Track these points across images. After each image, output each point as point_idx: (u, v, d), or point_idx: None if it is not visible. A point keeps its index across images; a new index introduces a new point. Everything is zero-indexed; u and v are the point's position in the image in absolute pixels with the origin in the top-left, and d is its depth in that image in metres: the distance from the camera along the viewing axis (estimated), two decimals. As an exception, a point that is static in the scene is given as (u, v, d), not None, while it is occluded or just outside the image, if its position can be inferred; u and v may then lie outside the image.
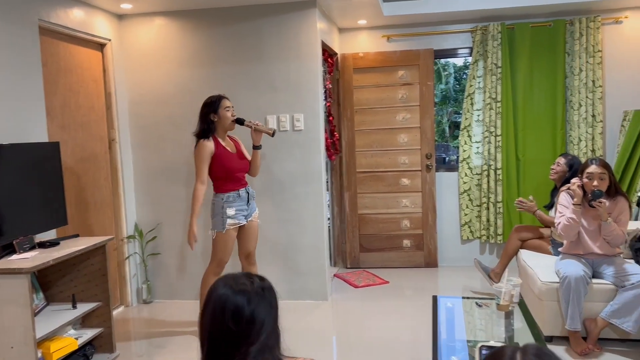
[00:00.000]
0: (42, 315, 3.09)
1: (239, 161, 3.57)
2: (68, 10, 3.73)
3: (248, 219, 3.63)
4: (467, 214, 5.15)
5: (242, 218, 3.58)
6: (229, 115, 3.53)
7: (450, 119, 20.30)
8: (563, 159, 4.05)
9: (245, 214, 3.61)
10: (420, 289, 4.66)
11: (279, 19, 4.22)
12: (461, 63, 21.80)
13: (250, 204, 3.63)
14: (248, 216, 3.63)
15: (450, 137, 20.36)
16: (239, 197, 3.55)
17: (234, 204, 3.53)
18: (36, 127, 3.39)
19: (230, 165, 3.51)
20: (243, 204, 3.58)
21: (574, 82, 4.85)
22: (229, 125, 3.55)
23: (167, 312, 4.27)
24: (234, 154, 3.57)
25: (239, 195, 3.55)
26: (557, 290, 3.28)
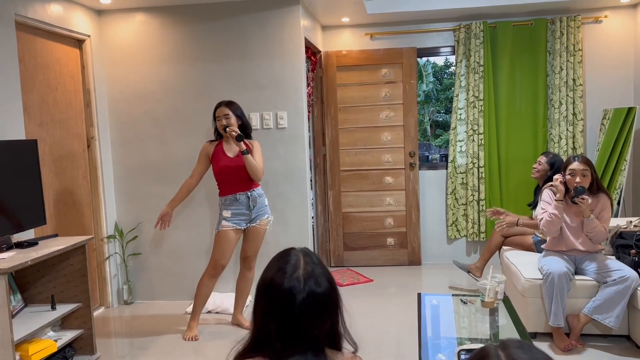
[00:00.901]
0: (20, 317, 3.01)
1: (236, 165, 3.52)
2: (46, 5, 3.65)
3: (251, 224, 3.61)
4: (454, 213, 5.16)
5: (240, 222, 3.58)
6: (219, 125, 3.56)
7: (431, 118, 20.40)
8: (544, 158, 4.08)
9: (246, 218, 3.59)
10: (404, 286, 4.67)
11: (262, 16, 4.18)
12: (441, 63, 21.91)
13: (253, 209, 3.59)
14: (252, 221, 3.61)
15: (432, 136, 20.47)
16: (237, 201, 3.55)
17: (230, 207, 3.56)
18: (13, 124, 3.30)
19: (221, 169, 3.53)
20: (242, 208, 3.56)
21: (555, 81, 4.90)
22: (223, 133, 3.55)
23: (149, 313, 4.20)
24: (232, 158, 3.54)
25: (237, 199, 3.55)
26: (541, 287, 3.30)
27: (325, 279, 1.25)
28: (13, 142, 3.07)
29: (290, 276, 1.22)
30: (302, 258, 1.28)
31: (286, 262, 1.26)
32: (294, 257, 1.27)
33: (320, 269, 1.27)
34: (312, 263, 1.27)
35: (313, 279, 1.22)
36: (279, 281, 1.22)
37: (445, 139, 18.97)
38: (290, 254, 1.30)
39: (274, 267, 1.27)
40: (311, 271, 1.24)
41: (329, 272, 1.29)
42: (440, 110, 19.98)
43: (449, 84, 20.42)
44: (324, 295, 1.23)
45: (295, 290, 1.20)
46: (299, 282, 1.21)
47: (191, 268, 4.39)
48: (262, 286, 1.26)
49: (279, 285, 1.21)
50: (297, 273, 1.22)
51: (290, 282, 1.21)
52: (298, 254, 1.29)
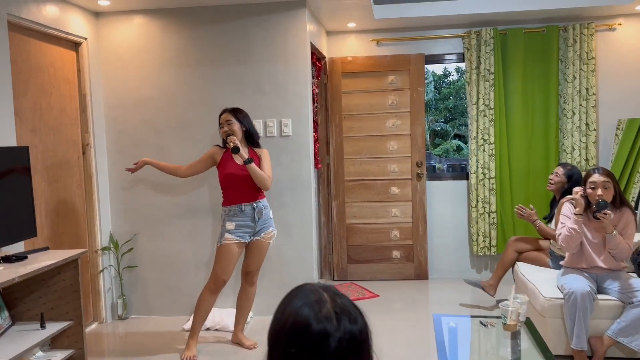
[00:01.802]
0: (7, 336, 2.81)
1: (242, 174, 3.35)
2: (40, 6, 3.47)
3: (255, 238, 3.43)
4: (472, 226, 4.95)
5: (244, 235, 3.40)
6: (221, 132, 3.44)
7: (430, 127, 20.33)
8: (562, 169, 3.91)
9: (250, 231, 3.41)
10: (411, 302, 4.47)
11: (267, 19, 4.01)
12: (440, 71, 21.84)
13: (258, 221, 3.41)
14: (256, 234, 3.43)
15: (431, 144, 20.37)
16: (241, 212, 3.38)
17: (234, 219, 3.38)
18: (3, 130, 3.11)
19: (227, 176, 3.37)
20: (247, 220, 3.39)
21: (568, 90, 4.74)
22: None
23: (145, 329, 3.99)
24: (240, 166, 3.37)
25: (242, 210, 3.38)
26: (561, 307, 3.11)
27: (358, 312, 1.04)
28: (3, 149, 2.88)
29: (318, 314, 0.99)
30: (323, 291, 1.06)
31: (306, 296, 1.04)
32: (313, 291, 1.05)
33: (349, 300, 1.07)
34: (337, 295, 1.07)
35: (346, 316, 1.00)
36: (304, 322, 0.98)
37: (445, 148, 18.86)
38: (305, 287, 1.08)
39: (292, 305, 1.03)
40: (342, 305, 1.02)
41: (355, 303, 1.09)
42: (439, 119, 19.91)
43: (447, 93, 20.34)
44: (361, 333, 1.01)
45: (329, 333, 0.97)
46: (331, 322, 0.98)
47: (190, 282, 4.19)
48: (280, 331, 1.02)
49: (306, 328, 0.98)
50: (326, 310, 1.00)
51: (321, 322, 0.97)
52: (315, 287, 1.07)
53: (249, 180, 3.36)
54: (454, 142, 18.64)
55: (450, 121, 19.81)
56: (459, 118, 19.47)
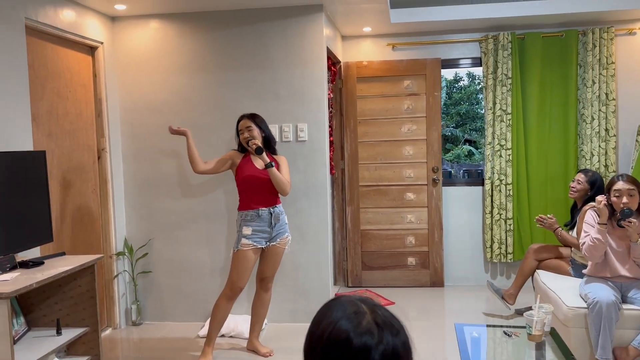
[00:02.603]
0: (23, 342, 2.78)
1: (262, 178, 3.34)
2: (58, 10, 3.46)
3: (271, 243, 3.40)
4: (486, 233, 4.89)
5: (261, 241, 3.36)
6: (241, 138, 3.42)
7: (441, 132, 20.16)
8: (583, 176, 3.83)
9: (266, 236, 3.38)
10: (427, 310, 4.41)
11: (283, 24, 3.98)
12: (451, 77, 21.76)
13: (274, 227, 3.39)
14: (272, 240, 3.41)
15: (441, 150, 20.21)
16: (258, 217, 3.35)
17: (251, 223, 3.34)
18: (20, 134, 3.10)
19: (246, 180, 3.34)
20: (264, 225, 3.36)
21: (587, 95, 4.67)
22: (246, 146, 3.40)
23: (159, 335, 3.96)
24: (260, 170, 3.36)
25: (259, 215, 3.35)
26: (585, 316, 3.04)
27: (400, 324, 0.98)
28: (20, 153, 2.86)
29: (358, 328, 0.94)
30: (360, 303, 1.01)
31: (343, 309, 0.98)
32: (350, 303, 1.00)
33: (389, 312, 1.02)
34: (376, 306, 1.02)
35: (388, 328, 0.95)
36: (343, 336, 0.93)
37: (456, 154, 18.74)
38: (342, 299, 1.03)
39: (329, 318, 0.98)
40: (383, 317, 0.97)
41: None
42: (450, 124, 19.80)
43: (458, 98, 20.24)
44: (404, 346, 0.96)
45: (370, 347, 0.92)
46: (373, 335, 0.93)
47: (205, 288, 4.15)
48: (317, 345, 0.97)
49: (346, 342, 0.92)
50: (366, 322, 0.95)
51: (361, 336, 0.92)
52: (352, 299, 1.02)
53: (268, 184, 3.35)
54: (465, 148, 18.53)
55: (460, 126, 19.70)
56: (469, 123, 19.36)
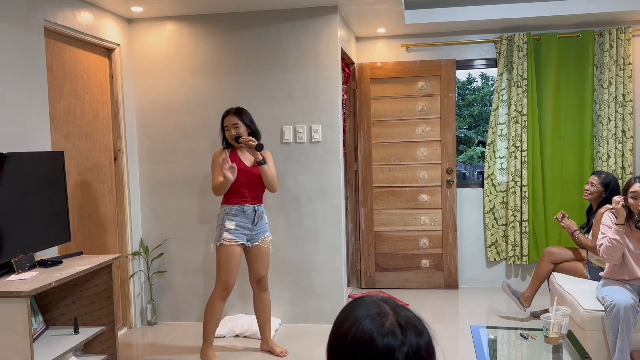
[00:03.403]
0: (41, 340, 2.82)
1: (250, 176, 3.34)
2: (76, 12, 3.51)
3: (254, 243, 3.39)
4: (493, 234, 4.89)
5: (242, 237, 3.33)
6: (227, 135, 3.37)
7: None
8: (597, 178, 3.79)
9: (248, 234, 3.36)
10: (441, 313, 4.39)
11: (298, 25, 3.99)
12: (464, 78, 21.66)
13: (257, 225, 3.38)
14: (253, 239, 3.39)
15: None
16: (243, 213, 3.33)
17: (235, 218, 3.31)
18: (39, 135, 3.14)
19: (237, 177, 3.29)
20: (247, 221, 3.34)
21: (603, 96, 4.63)
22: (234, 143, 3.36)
23: (174, 335, 3.99)
24: (247, 167, 3.35)
25: (243, 211, 3.33)
26: (602, 319, 3.01)
27: (423, 325, 0.98)
28: (39, 153, 2.90)
29: (381, 328, 0.93)
30: (383, 303, 1.00)
31: (366, 309, 0.98)
32: (373, 303, 1.00)
33: (412, 312, 1.02)
34: (399, 307, 1.02)
35: (412, 329, 0.94)
36: (367, 337, 0.93)
37: (470, 155, 18.63)
38: (364, 300, 1.02)
39: (352, 318, 0.97)
40: (406, 317, 0.96)
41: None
42: (463, 126, 19.70)
43: (471, 99, 20.12)
44: (428, 347, 0.95)
45: (394, 348, 0.92)
46: (396, 336, 0.93)
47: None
48: (340, 346, 0.96)
49: (369, 343, 0.92)
50: (389, 323, 0.94)
51: (385, 337, 0.92)
52: (374, 299, 1.02)
53: (256, 181, 3.35)
54: (478, 149, 18.42)
55: (473, 128, 19.58)
56: (482, 125, 19.24)
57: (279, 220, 4.10)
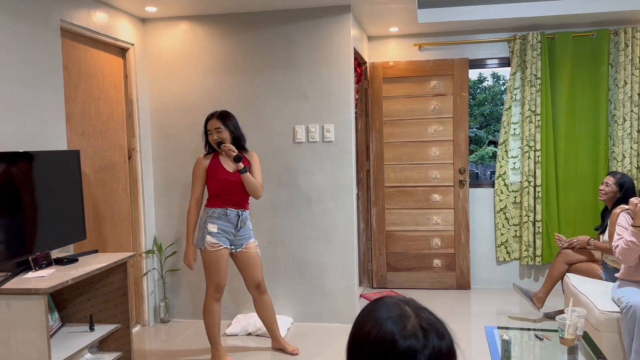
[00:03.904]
0: (57, 337, 2.85)
1: (233, 181, 3.29)
2: (91, 12, 3.53)
3: (238, 249, 3.36)
4: (503, 234, 4.87)
5: (225, 241, 3.29)
6: (210, 139, 3.34)
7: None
8: (612, 179, 3.76)
9: (231, 238, 3.33)
10: (453, 313, 4.37)
11: (311, 25, 4.00)
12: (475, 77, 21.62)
13: (240, 230, 3.35)
14: (238, 244, 3.36)
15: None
16: (225, 216, 3.29)
17: (217, 221, 3.27)
18: (55, 134, 3.18)
19: (219, 185, 3.28)
20: (230, 226, 3.30)
21: (618, 96, 4.59)
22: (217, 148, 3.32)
23: (186, 333, 4.01)
24: (231, 173, 3.31)
25: (226, 215, 3.29)
26: (618, 321, 2.99)
27: (445, 327, 0.98)
28: (55, 152, 2.93)
29: (403, 331, 0.93)
30: (404, 305, 1.00)
31: (388, 310, 0.98)
32: (394, 305, 1.00)
33: (434, 315, 1.02)
34: (420, 309, 1.01)
35: (434, 331, 0.95)
36: (389, 338, 0.93)
37: (480, 155, 18.54)
38: (385, 300, 1.02)
39: (373, 319, 0.97)
40: (428, 320, 0.97)
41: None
42: (474, 125, 19.59)
43: (482, 98, 20.01)
44: (449, 349, 0.95)
45: (416, 350, 0.92)
46: (418, 339, 0.93)
47: (231, 286, 4.19)
48: (361, 347, 0.96)
49: (391, 345, 0.92)
50: (411, 325, 0.94)
51: (407, 339, 0.92)
52: (395, 300, 1.02)
53: (239, 188, 3.30)
54: (489, 149, 18.32)
55: (484, 127, 19.48)
56: (494, 124, 19.13)
57: (292, 219, 4.10)
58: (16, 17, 2.89)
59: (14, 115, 2.86)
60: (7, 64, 2.83)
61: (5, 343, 2.35)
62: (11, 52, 2.85)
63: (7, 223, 2.54)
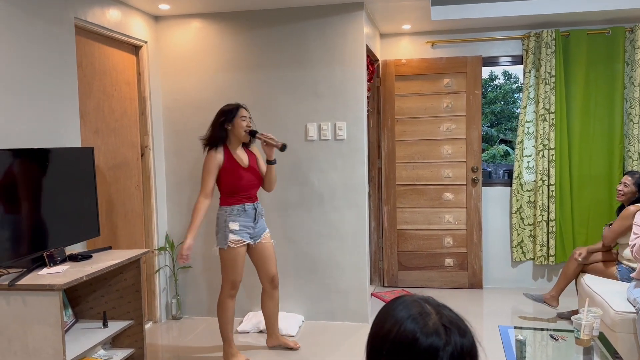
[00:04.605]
0: (71, 333, 2.86)
1: (250, 176, 3.31)
2: (105, 10, 3.55)
3: (257, 240, 3.37)
4: (519, 234, 4.83)
5: (246, 236, 3.30)
6: (243, 125, 3.30)
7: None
8: (630, 178, 3.72)
9: (251, 232, 3.34)
10: (465, 312, 4.29)
11: (324, 22, 3.99)
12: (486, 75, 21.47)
13: (257, 222, 3.36)
14: (256, 236, 3.37)
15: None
16: (244, 212, 3.29)
17: (237, 219, 3.27)
18: (69, 131, 3.19)
19: (239, 182, 3.27)
20: (249, 220, 3.31)
21: (634, 94, 4.53)
22: (243, 137, 3.32)
23: (198, 330, 4.02)
24: (245, 168, 3.31)
25: (244, 210, 3.29)
26: (634, 322, 2.95)
27: (466, 324, 0.97)
28: (70, 149, 2.95)
29: (425, 328, 0.93)
30: (424, 303, 1.00)
31: (408, 308, 0.97)
32: (414, 302, 0.99)
33: (455, 312, 1.01)
34: (440, 307, 1.01)
35: (456, 329, 0.94)
36: (410, 337, 0.92)
37: (492, 154, 18.43)
38: (405, 299, 1.01)
39: (393, 318, 0.96)
40: (450, 317, 0.96)
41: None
42: (485, 124, 19.47)
43: (493, 97, 19.89)
44: (472, 347, 0.94)
45: (438, 348, 0.91)
46: (440, 336, 0.92)
47: (243, 284, 4.18)
48: (382, 346, 0.95)
49: (413, 343, 0.91)
50: (432, 323, 0.94)
51: (429, 337, 0.91)
52: (415, 298, 1.01)
53: (255, 182, 3.35)
54: (500, 148, 18.21)
55: (496, 126, 19.35)
56: (505, 122, 19.00)
57: (304, 216, 4.10)
58: (31, 15, 2.90)
59: (28, 113, 2.88)
60: (23, 62, 2.85)
61: (20, 338, 2.37)
62: (26, 50, 2.87)
63: (22, 220, 2.56)
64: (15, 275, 2.47)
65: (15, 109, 2.79)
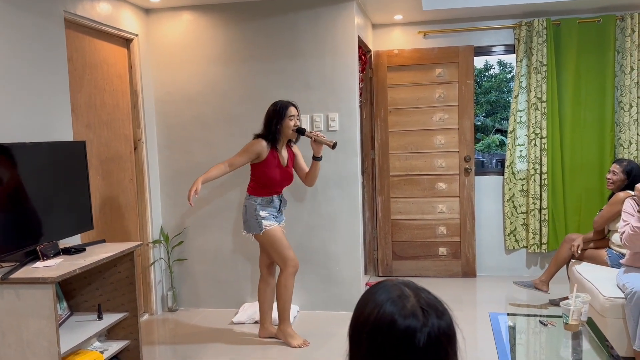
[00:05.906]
0: (66, 326, 2.88)
1: (285, 175, 3.49)
2: (94, 3, 3.54)
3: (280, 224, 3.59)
4: (512, 222, 4.86)
5: (274, 220, 3.49)
6: (291, 125, 3.44)
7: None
8: (618, 166, 3.75)
9: (277, 218, 3.55)
10: (459, 301, 4.39)
11: (315, 13, 3.99)
12: (481, 65, 21.39)
13: (280, 212, 3.57)
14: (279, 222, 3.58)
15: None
16: (272, 203, 3.50)
17: (267, 208, 3.48)
18: (61, 125, 3.20)
19: (275, 179, 3.44)
20: (274, 210, 3.52)
21: (625, 82, 4.55)
22: (291, 134, 3.46)
23: (194, 321, 4.05)
24: (283, 167, 3.47)
25: (272, 201, 3.50)
26: (623, 307, 2.99)
27: (444, 306, 0.99)
28: (61, 143, 2.95)
29: (403, 310, 0.94)
30: (404, 286, 1.01)
31: (387, 292, 0.99)
32: (394, 287, 1.01)
33: (433, 295, 1.03)
34: (420, 290, 1.03)
35: (433, 310, 0.96)
36: (388, 319, 0.94)
37: (487, 143, 18.46)
38: (385, 283, 1.03)
39: (373, 301, 0.99)
40: (427, 300, 0.97)
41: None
42: (480, 113, 19.49)
43: (488, 86, 19.89)
44: (449, 328, 0.96)
45: (415, 329, 0.93)
46: (417, 318, 0.94)
47: (238, 275, 4.22)
48: (362, 328, 0.98)
49: (391, 325, 0.94)
50: (410, 305, 0.95)
51: (406, 319, 0.93)
52: (395, 283, 1.03)
53: (287, 178, 3.52)
54: (495, 137, 18.24)
55: (491, 115, 19.37)
56: (500, 112, 19.02)
57: (297, 208, 4.12)
58: (20, 9, 2.90)
59: (20, 107, 2.88)
60: (12, 56, 2.84)
61: (15, 332, 2.39)
62: (16, 44, 2.87)
63: (15, 214, 2.57)
64: (9, 269, 2.48)
65: (6, 103, 2.79)
